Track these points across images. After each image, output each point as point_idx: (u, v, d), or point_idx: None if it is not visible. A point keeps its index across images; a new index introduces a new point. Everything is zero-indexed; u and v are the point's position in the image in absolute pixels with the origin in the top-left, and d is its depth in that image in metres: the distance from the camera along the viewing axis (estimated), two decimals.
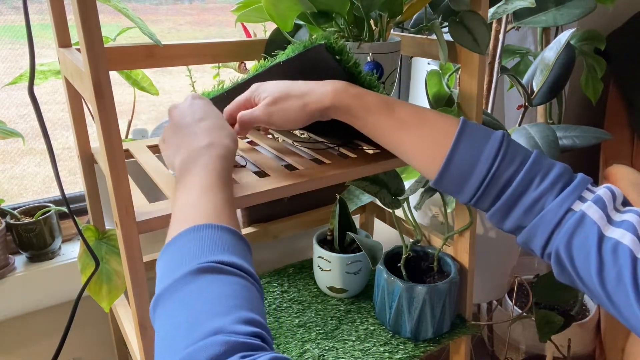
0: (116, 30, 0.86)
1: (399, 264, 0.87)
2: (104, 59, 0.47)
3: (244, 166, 0.70)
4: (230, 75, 1.02)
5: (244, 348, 0.34)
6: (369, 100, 0.57)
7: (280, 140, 0.77)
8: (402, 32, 0.83)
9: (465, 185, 0.54)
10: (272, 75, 0.65)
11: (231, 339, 0.34)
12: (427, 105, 0.85)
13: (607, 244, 0.46)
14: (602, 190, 0.49)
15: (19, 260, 0.89)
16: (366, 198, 1.00)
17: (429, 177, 0.57)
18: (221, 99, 0.72)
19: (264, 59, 0.67)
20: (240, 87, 0.67)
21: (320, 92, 0.58)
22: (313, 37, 0.63)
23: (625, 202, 0.50)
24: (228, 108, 0.64)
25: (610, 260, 0.45)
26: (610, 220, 0.47)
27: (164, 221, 0.55)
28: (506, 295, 1.40)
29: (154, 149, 0.79)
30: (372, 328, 0.87)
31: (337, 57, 0.60)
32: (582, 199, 0.49)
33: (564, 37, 0.89)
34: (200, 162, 0.50)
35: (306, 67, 0.64)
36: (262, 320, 0.38)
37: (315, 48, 0.59)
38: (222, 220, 0.45)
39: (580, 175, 0.51)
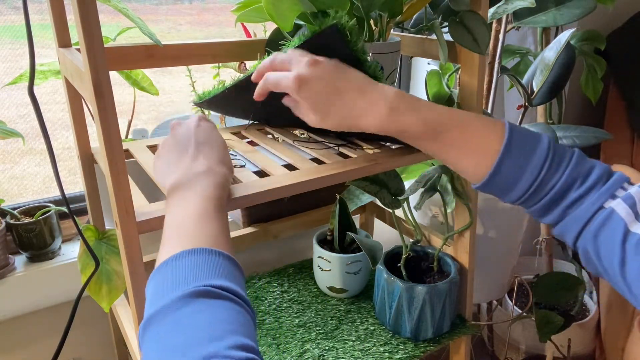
0: (116, 30, 0.86)
1: (399, 264, 0.87)
2: (104, 59, 0.47)
3: (244, 166, 0.70)
4: (230, 75, 1.02)
5: None
6: (414, 130, 0.56)
7: (280, 140, 0.77)
8: (402, 32, 0.83)
9: (510, 191, 0.55)
10: None
11: None
12: None
13: (632, 239, 0.48)
14: (634, 189, 0.51)
15: (19, 260, 0.89)
16: (366, 198, 1.00)
17: (472, 182, 0.58)
18: (223, 97, 0.72)
19: (268, 54, 0.67)
20: (241, 84, 0.67)
21: (373, 112, 0.56)
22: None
23: None
24: (261, 66, 0.61)
25: (632, 253, 0.47)
26: (638, 217, 0.49)
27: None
28: (506, 295, 1.40)
29: (154, 149, 0.79)
30: (372, 328, 0.87)
31: (347, 38, 0.60)
32: (614, 197, 0.51)
33: (564, 37, 0.89)
34: (198, 188, 0.50)
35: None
36: (256, 347, 0.38)
37: (327, 30, 0.59)
38: (219, 247, 0.44)
39: (617, 174, 0.53)
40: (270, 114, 0.78)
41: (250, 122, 0.83)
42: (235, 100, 0.74)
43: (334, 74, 0.57)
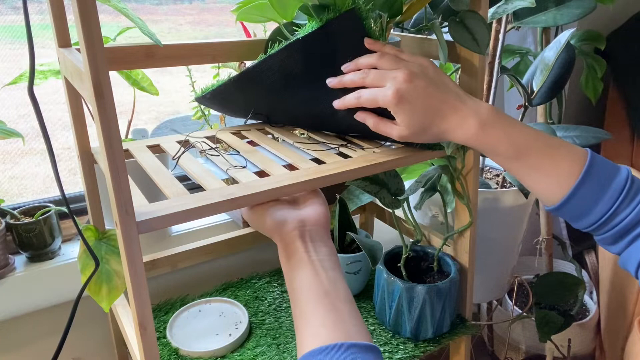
0: (116, 30, 0.86)
1: (399, 264, 0.87)
2: (104, 59, 0.47)
3: (244, 166, 0.70)
4: (230, 75, 1.02)
5: None
6: (501, 148, 0.57)
7: (280, 140, 0.77)
8: (402, 32, 0.83)
9: (582, 218, 0.56)
10: (288, 58, 0.63)
11: None
12: None
13: None
14: None
15: (19, 260, 0.89)
16: (366, 198, 1.00)
17: (545, 203, 0.58)
18: (225, 90, 0.71)
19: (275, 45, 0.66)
20: (248, 74, 0.66)
21: (463, 127, 0.57)
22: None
23: None
24: (346, 79, 0.62)
25: None
26: None
27: (164, 221, 0.55)
28: (506, 295, 1.40)
29: (154, 149, 0.79)
30: (372, 328, 0.87)
31: (365, 22, 0.59)
32: None
33: (564, 37, 0.90)
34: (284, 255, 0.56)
35: (326, 48, 0.63)
36: None
37: (345, 15, 0.59)
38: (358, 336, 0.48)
39: None
40: (272, 109, 0.78)
41: (250, 117, 0.83)
42: (237, 94, 0.74)
43: (431, 89, 0.57)
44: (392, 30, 0.76)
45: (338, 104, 0.63)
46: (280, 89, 0.60)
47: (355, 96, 0.60)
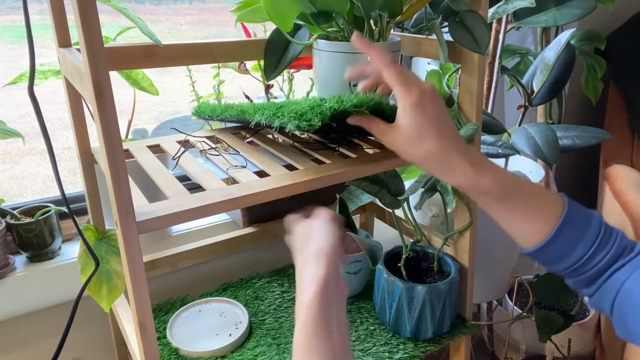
0: (116, 30, 0.86)
1: (399, 264, 0.87)
2: (104, 59, 0.47)
3: (244, 166, 0.70)
4: (230, 75, 1.02)
5: None
6: (489, 187, 0.57)
7: (280, 140, 0.77)
8: (402, 32, 0.83)
9: (559, 262, 0.57)
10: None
11: None
12: None
13: None
14: None
15: (19, 260, 0.89)
16: (366, 198, 1.00)
17: (526, 247, 0.59)
18: (224, 118, 0.73)
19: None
20: (245, 122, 0.67)
21: (461, 171, 0.57)
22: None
23: None
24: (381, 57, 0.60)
25: None
26: None
27: (164, 221, 0.55)
28: (506, 295, 1.40)
29: (154, 149, 0.79)
30: (372, 328, 0.87)
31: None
32: None
33: (564, 37, 0.90)
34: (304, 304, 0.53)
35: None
36: None
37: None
38: None
39: None
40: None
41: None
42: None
43: (445, 115, 0.58)
44: (392, 30, 0.77)
45: (352, 72, 0.62)
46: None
47: (387, 60, 0.57)
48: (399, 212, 0.90)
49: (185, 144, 0.79)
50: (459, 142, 0.57)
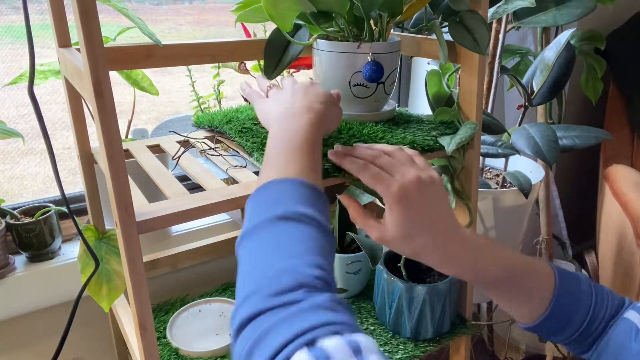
0: (116, 30, 0.86)
1: (399, 264, 0.87)
2: (104, 59, 0.47)
3: (244, 166, 0.70)
4: (230, 75, 1.02)
5: (309, 286, 0.39)
6: (489, 277, 0.56)
7: None
8: (402, 32, 0.83)
9: (559, 335, 0.57)
10: None
11: (298, 277, 0.40)
12: (428, 105, 0.85)
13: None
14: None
15: (19, 260, 0.89)
16: (366, 198, 1.00)
17: (524, 323, 0.59)
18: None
19: None
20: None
21: (460, 263, 0.55)
22: None
23: None
24: (360, 145, 0.60)
25: None
26: None
27: (164, 221, 0.55)
28: None
29: (154, 149, 0.79)
30: (372, 328, 0.87)
31: None
32: (634, 308, 0.55)
33: (564, 37, 0.90)
34: (296, 123, 0.55)
35: None
36: (329, 268, 0.43)
37: None
38: (307, 179, 0.50)
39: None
40: None
41: None
42: None
43: (435, 201, 0.54)
44: (392, 30, 0.77)
45: (334, 155, 0.59)
46: None
47: (359, 164, 0.55)
48: None
49: (185, 144, 0.79)
50: (456, 232, 0.54)
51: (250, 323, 0.38)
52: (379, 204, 0.88)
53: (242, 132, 0.72)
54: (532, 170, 1.05)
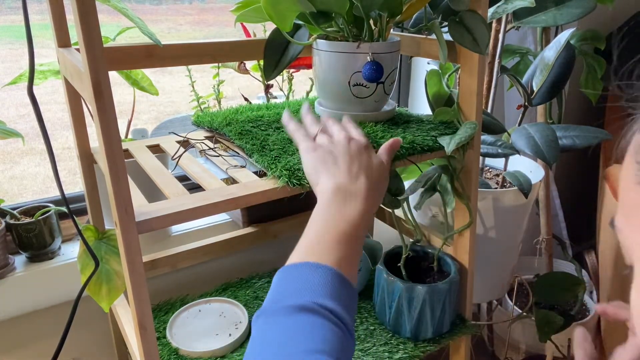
0: (116, 30, 0.86)
1: (399, 264, 0.87)
2: (104, 59, 0.47)
3: (244, 166, 0.70)
4: (229, 75, 1.02)
5: None
6: None
7: None
8: (402, 31, 0.83)
9: None
10: None
11: None
12: (427, 105, 0.85)
13: None
14: None
15: (19, 260, 0.89)
16: None
17: None
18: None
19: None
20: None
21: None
22: None
23: None
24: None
25: None
26: None
27: (164, 221, 0.55)
28: (506, 295, 1.40)
29: (154, 149, 0.79)
30: (372, 328, 0.87)
31: None
32: None
33: (563, 36, 0.89)
34: (351, 207, 0.54)
35: None
36: None
37: None
38: (343, 271, 0.49)
39: None
40: None
41: None
42: None
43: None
44: (391, 30, 0.77)
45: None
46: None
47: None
48: (398, 212, 0.90)
49: (185, 144, 0.79)
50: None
51: None
52: None
53: (241, 135, 0.72)
54: (532, 170, 1.05)
